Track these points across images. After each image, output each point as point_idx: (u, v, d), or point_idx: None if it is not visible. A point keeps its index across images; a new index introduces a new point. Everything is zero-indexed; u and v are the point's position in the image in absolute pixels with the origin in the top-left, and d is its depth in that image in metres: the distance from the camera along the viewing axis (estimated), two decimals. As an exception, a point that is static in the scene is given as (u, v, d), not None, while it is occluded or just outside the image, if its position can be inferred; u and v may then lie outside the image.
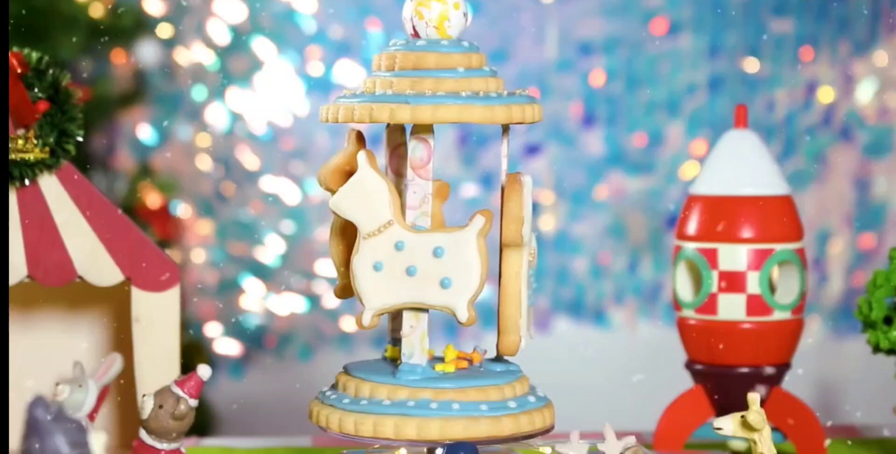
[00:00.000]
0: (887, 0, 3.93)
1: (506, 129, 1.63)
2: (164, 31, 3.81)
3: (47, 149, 1.75)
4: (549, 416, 1.61)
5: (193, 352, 3.47)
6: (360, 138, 1.65)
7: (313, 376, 3.86)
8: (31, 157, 1.75)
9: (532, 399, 1.60)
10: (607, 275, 4.01)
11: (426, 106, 1.54)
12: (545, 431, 1.61)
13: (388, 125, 1.65)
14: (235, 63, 3.89)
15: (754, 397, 1.56)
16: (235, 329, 3.91)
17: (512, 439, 1.57)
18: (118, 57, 3.70)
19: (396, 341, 1.67)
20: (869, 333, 1.84)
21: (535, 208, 3.82)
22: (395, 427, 1.56)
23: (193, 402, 1.62)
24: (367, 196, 1.59)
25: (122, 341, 1.86)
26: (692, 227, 1.89)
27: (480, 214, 1.56)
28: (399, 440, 1.56)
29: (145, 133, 3.85)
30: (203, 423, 3.32)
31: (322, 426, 1.61)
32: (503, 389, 1.59)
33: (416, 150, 1.59)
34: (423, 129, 1.59)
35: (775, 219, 1.87)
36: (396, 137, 1.66)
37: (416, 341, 1.60)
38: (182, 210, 3.87)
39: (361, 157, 1.59)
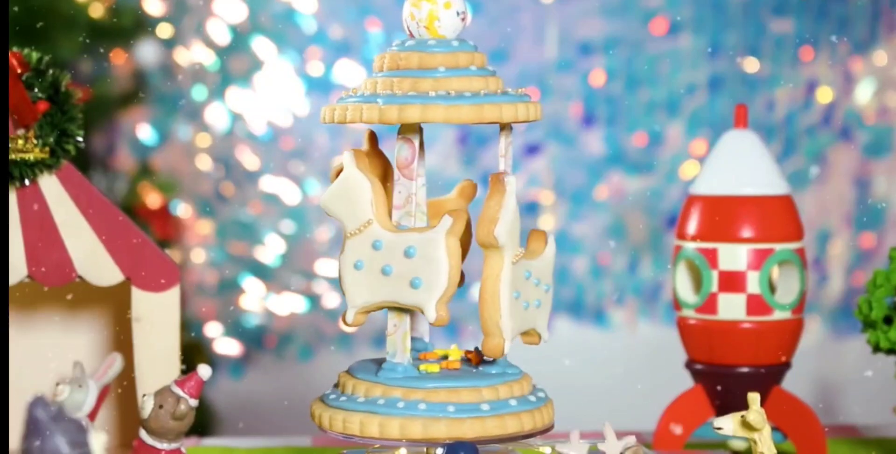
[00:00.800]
0: (887, 0, 3.93)
1: (503, 128, 1.63)
2: (164, 31, 3.81)
3: (47, 149, 1.75)
4: (532, 421, 1.59)
5: (193, 352, 3.47)
6: (372, 138, 1.65)
7: (313, 376, 3.86)
8: (31, 157, 1.75)
9: (514, 403, 1.59)
10: (607, 275, 4.01)
11: (394, 106, 1.55)
12: (520, 436, 1.58)
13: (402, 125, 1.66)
14: (235, 63, 3.89)
15: (754, 397, 1.56)
16: (235, 329, 3.91)
17: (478, 442, 1.56)
18: (118, 57, 3.70)
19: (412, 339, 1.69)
20: (869, 333, 1.84)
21: (535, 208, 3.84)
22: (361, 424, 1.57)
23: (193, 402, 1.62)
24: (350, 195, 1.60)
25: (122, 341, 1.87)
26: (692, 226, 1.89)
27: (449, 215, 1.56)
28: (364, 437, 1.57)
29: (145, 133, 3.85)
30: (203, 423, 3.32)
31: (313, 420, 1.63)
32: (482, 392, 1.58)
33: (401, 150, 1.60)
34: (407, 130, 1.60)
35: (775, 219, 1.87)
36: None
37: (399, 340, 1.61)
38: (182, 210, 3.87)
39: (347, 156, 1.60)
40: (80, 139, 1.77)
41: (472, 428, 1.55)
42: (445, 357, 1.67)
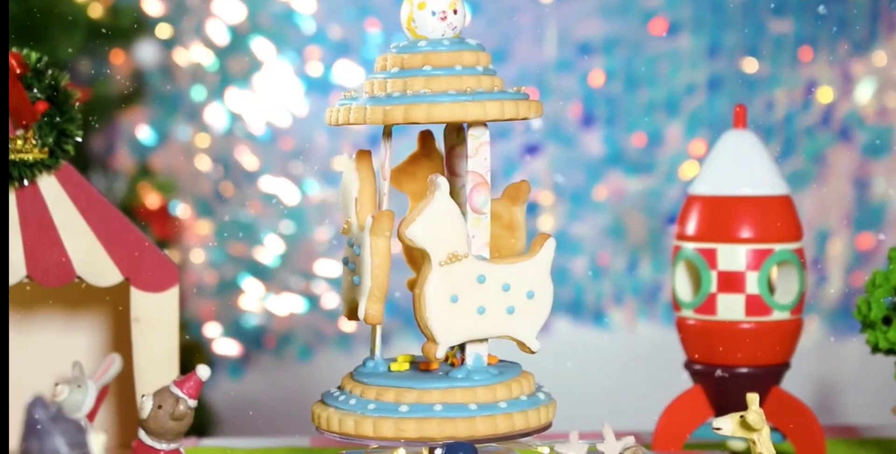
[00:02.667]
0: (886, 0, 3.93)
1: (470, 126, 1.60)
2: (164, 31, 3.81)
3: (46, 149, 1.75)
4: (451, 428, 1.55)
5: (192, 352, 3.47)
6: (424, 139, 1.65)
7: (312, 376, 3.86)
8: (30, 157, 1.75)
9: (438, 407, 1.56)
10: (606, 275, 4.01)
11: (378, 107, 1.55)
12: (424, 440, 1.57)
13: (446, 126, 1.66)
14: (234, 63, 3.89)
15: (753, 397, 1.56)
16: (234, 329, 3.91)
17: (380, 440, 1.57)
18: (117, 57, 3.70)
19: None
20: (868, 333, 1.84)
21: (534, 209, 3.84)
22: (318, 417, 1.60)
23: (192, 403, 1.62)
24: (344, 196, 1.63)
25: (121, 341, 1.87)
26: (691, 227, 1.89)
27: (372, 215, 1.57)
28: (321, 428, 1.60)
29: (144, 133, 3.86)
30: (202, 424, 3.32)
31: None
32: (418, 393, 1.57)
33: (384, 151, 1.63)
34: (386, 131, 1.62)
35: (774, 219, 1.87)
36: (452, 138, 1.67)
37: (375, 338, 1.65)
38: (181, 210, 3.87)
39: (344, 157, 1.62)
40: (78, 139, 1.77)
41: (374, 427, 1.56)
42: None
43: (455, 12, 1.60)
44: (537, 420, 1.60)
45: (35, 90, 1.75)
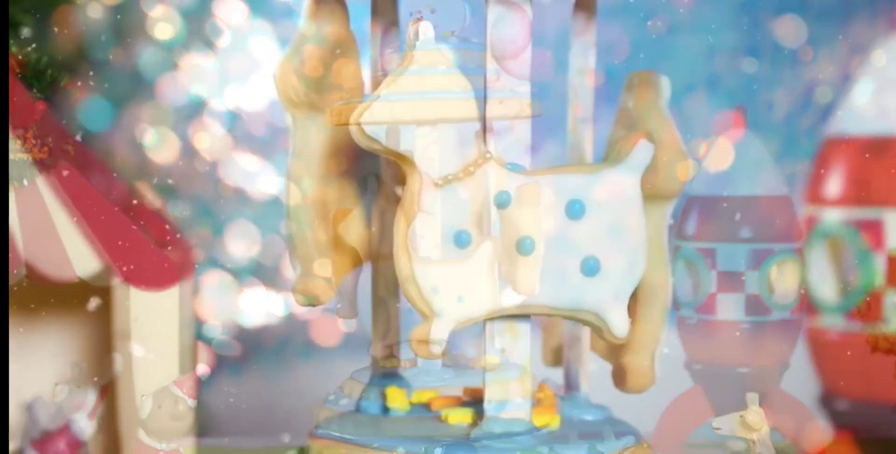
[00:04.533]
0: (886, 0, 3.93)
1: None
2: (163, 31, 3.80)
3: (46, 149, 1.75)
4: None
5: (192, 352, 3.46)
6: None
7: (312, 377, 3.85)
8: (29, 157, 1.74)
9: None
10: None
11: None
12: None
13: None
14: (234, 63, 3.88)
15: (753, 397, 1.56)
16: (234, 329, 3.90)
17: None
18: (117, 57, 3.69)
19: None
20: (868, 333, 1.84)
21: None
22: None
23: (192, 403, 1.61)
24: None
25: (120, 342, 1.86)
26: (691, 226, 1.89)
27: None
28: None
29: (144, 133, 3.85)
30: (202, 424, 3.31)
31: None
32: (364, 389, 1.57)
33: None
34: None
35: (774, 219, 1.87)
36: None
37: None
38: (181, 210, 3.86)
39: None
40: (78, 139, 1.77)
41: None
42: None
43: (433, 12, 1.58)
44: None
45: (35, 90, 1.75)
